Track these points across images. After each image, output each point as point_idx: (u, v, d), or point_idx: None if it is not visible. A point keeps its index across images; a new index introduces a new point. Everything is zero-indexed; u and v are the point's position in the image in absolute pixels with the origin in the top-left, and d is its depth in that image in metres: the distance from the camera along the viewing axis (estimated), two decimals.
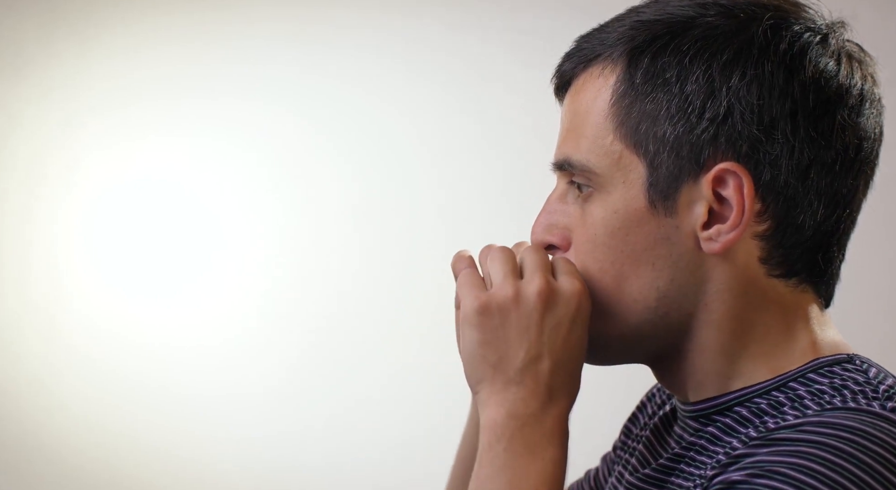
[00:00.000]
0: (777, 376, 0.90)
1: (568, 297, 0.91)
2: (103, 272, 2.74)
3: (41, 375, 2.74)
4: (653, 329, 0.93)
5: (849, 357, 0.92)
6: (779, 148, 0.89)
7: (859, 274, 2.47)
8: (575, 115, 0.95)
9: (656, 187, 0.90)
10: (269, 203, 2.72)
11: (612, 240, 0.92)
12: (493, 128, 2.64)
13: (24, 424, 2.74)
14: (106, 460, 2.74)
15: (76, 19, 2.73)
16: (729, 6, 0.91)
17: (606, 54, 0.93)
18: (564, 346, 0.91)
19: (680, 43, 0.90)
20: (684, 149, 0.90)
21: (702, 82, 0.89)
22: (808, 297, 0.94)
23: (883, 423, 0.82)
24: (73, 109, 2.73)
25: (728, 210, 0.90)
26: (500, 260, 0.93)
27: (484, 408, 0.91)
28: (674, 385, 0.96)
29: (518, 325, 0.91)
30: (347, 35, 2.70)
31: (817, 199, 0.91)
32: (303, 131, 2.72)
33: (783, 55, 0.89)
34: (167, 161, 2.74)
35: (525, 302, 0.91)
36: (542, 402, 0.90)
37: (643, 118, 0.91)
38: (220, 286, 2.74)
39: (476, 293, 0.92)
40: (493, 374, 0.91)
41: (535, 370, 0.91)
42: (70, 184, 2.74)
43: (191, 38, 2.73)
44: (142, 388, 2.73)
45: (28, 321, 2.75)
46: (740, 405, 0.91)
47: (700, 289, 0.91)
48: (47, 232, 2.75)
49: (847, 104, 0.91)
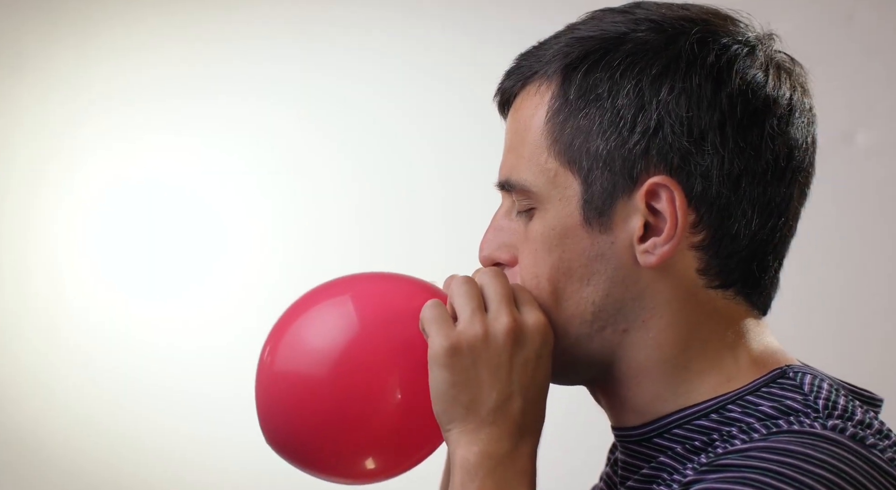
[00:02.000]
0: (717, 397, 0.91)
1: (533, 333, 0.92)
2: (104, 272, 2.74)
3: (42, 376, 2.74)
4: (590, 345, 0.93)
5: (782, 371, 0.92)
6: (709, 159, 0.90)
7: (860, 274, 2.47)
8: (514, 133, 0.97)
9: (591, 204, 0.92)
10: (271, 203, 2.72)
11: (549, 256, 0.93)
12: (494, 127, 2.64)
13: (24, 425, 2.74)
14: (106, 460, 2.74)
15: (77, 19, 2.73)
16: (659, 21, 0.92)
17: (542, 71, 0.94)
18: (533, 383, 0.92)
19: (611, 58, 0.91)
20: (617, 163, 0.91)
21: (632, 96, 0.90)
22: (743, 309, 0.94)
23: (825, 445, 0.83)
24: (73, 109, 2.73)
25: (663, 223, 0.91)
26: (466, 295, 0.93)
27: (456, 447, 0.92)
28: (613, 409, 0.96)
29: (489, 365, 0.91)
30: (349, 34, 2.70)
31: (750, 208, 0.91)
32: (305, 131, 2.72)
33: (710, 68, 0.90)
34: (168, 161, 2.74)
35: (494, 341, 0.92)
36: (514, 442, 0.91)
37: (577, 134, 0.92)
38: (221, 286, 2.74)
39: (445, 332, 0.92)
40: (466, 414, 0.91)
41: (506, 410, 0.91)
42: (71, 184, 2.74)
43: (192, 37, 2.73)
44: (143, 388, 2.73)
45: (29, 321, 2.75)
46: (679, 428, 0.92)
47: (637, 304, 0.92)
48: (48, 232, 2.75)
49: (776, 114, 0.91)
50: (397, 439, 0.96)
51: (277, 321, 1.03)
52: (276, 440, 0.98)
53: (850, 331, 2.45)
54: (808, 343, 0.97)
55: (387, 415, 0.95)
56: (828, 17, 2.37)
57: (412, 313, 0.95)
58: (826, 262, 2.38)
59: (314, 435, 0.96)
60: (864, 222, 2.44)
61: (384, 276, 1.02)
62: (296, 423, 0.96)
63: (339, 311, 0.98)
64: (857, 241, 2.42)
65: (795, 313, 0.99)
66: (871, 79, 2.38)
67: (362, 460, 0.97)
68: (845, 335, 2.44)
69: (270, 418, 0.98)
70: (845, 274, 2.44)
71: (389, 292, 0.98)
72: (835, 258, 2.41)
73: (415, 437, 0.96)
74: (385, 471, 0.98)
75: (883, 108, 2.40)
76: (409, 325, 0.95)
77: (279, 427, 0.97)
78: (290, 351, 0.98)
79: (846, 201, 2.36)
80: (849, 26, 2.40)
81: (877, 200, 2.41)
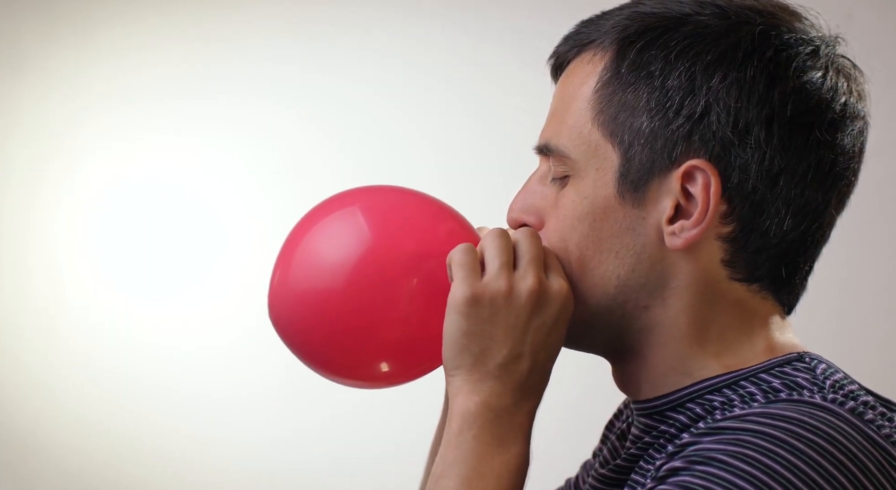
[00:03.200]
0: (729, 373, 0.91)
1: (555, 299, 0.93)
2: (104, 272, 2.74)
3: (42, 376, 2.74)
4: (609, 316, 0.94)
5: (799, 355, 0.92)
6: (750, 152, 0.90)
7: (860, 273, 2.47)
8: (561, 99, 0.96)
9: (627, 178, 0.92)
10: (271, 203, 2.72)
11: (579, 224, 0.93)
12: (494, 127, 2.65)
13: (24, 425, 2.74)
14: (106, 461, 2.74)
15: (77, 19, 2.73)
16: (725, 7, 0.92)
17: (599, 41, 0.94)
18: (544, 347, 0.93)
19: (669, 38, 0.91)
20: (658, 142, 0.91)
21: (683, 79, 0.90)
22: (768, 304, 0.94)
23: (821, 413, 0.84)
24: (73, 109, 2.73)
25: (694, 207, 0.91)
26: (498, 248, 0.94)
27: (457, 394, 0.93)
28: (629, 382, 0.97)
29: (506, 322, 0.92)
30: (349, 34, 2.70)
31: (785, 207, 0.91)
32: (305, 131, 2.72)
33: (767, 62, 0.90)
34: (168, 161, 2.74)
35: (516, 300, 0.92)
36: (515, 399, 0.92)
37: (622, 108, 0.92)
38: (221, 286, 2.74)
39: (470, 281, 0.93)
40: (473, 364, 0.92)
41: (514, 368, 0.92)
42: (71, 184, 2.74)
43: (192, 37, 2.73)
44: (143, 388, 2.73)
45: (29, 321, 2.75)
46: (692, 401, 0.92)
47: (660, 283, 0.92)
48: (48, 232, 2.75)
49: (827, 119, 0.91)
50: (408, 348, 0.98)
51: (293, 229, 1.08)
52: (293, 345, 1.02)
53: (850, 331, 2.46)
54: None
55: (398, 326, 0.97)
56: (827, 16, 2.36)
57: (438, 239, 0.97)
58: (826, 262, 2.38)
59: (328, 343, 0.98)
60: (863, 222, 2.44)
61: (406, 192, 1.06)
62: (310, 334, 0.99)
63: (354, 224, 1.01)
64: (857, 240, 2.42)
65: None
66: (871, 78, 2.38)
67: (375, 365, 0.99)
68: (845, 335, 2.44)
69: (285, 330, 1.02)
70: (845, 274, 2.44)
71: (413, 212, 1.02)
72: (834, 258, 2.40)
73: (426, 349, 0.98)
74: (396, 376, 1.00)
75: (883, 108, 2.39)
76: (432, 253, 0.97)
77: (294, 336, 1.01)
78: (305, 267, 1.01)
79: None
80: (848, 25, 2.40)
81: (877, 200, 2.41)
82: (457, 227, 1.00)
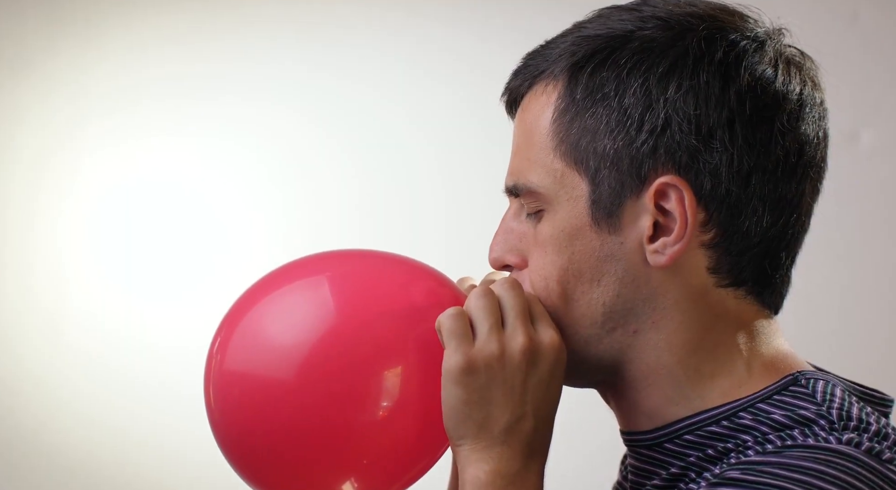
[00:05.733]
0: (728, 403, 0.91)
1: (548, 352, 0.92)
2: (106, 272, 2.74)
3: (44, 375, 2.74)
4: (599, 345, 0.93)
5: (794, 378, 0.91)
6: (718, 156, 0.89)
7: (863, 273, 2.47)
8: (521, 134, 0.96)
9: (599, 204, 0.91)
10: (273, 203, 2.72)
11: (558, 257, 0.93)
12: (497, 127, 2.64)
13: (26, 425, 2.74)
14: (109, 460, 2.74)
15: (79, 19, 2.73)
16: (666, 18, 0.91)
17: (549, 70, 0.93)
18: (544, 403, 0.92)
19: (618, 57, 0.90)
20: (625, 163, 0.90)
21: (639, 95, 0.89)
22: (754, 309, 0.93)
23: (841, 460, 0.83)
24: (76, 109, 2.73)
25: (672, 222, 0.90)
26: (485, 309, 0.93)
27: (466, 465, 0.91)
28: (625, 412, 0.96)
29: (503, 385, 0.91)
30: (351, 34, 2.70)
31: (761, 204, 0.91)
32: (306, 131, 2.72)
33: (718, 64, 0.90)
34: (171, 161, 2.74)
35: (510, 361, 0.91)
36: (524, 461, 0.91)
37: (584, 134, 0.91)
38: (222, 286, 2.74)
39: (464, 348, 0.91)
40: (478, 432, 0.91)
41: (519, 429, 0.91)
42: (74, 184, 2.74)
43: (195, 37, 2.73)
44: (145, 388, 2.73)
45: (31, 322, 2.75)
46: (690, 433, 0.91)
47: (648, 305, 0.92)
48: (50, 232, 2.75)
49: (785, 110, 0.91)
50: (387, 457, 0.91)
51: (236, 302, 0.95)
52: (231, 451, 0.88)
53: (853, 330, 2.45)
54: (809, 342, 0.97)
55: (372, 429, 0.89)
56: (833, 16, 2.36)
57: (420, 305, 0.93)
58: (829, 261, 2.38)
59: (276, 450, 0.86)
60: (868, 221, 2.43)
61: (366, 255, 0.98)
62: (254, 436, 0.85)
63: (315, 296, 0.91)
64: (861, 240, 2.42)
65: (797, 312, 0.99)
66: (875, 78, 2.38)
67: (339, 484, 0.90)
68: (848, 334, 2.44)
69: (223, 427, 0.87)
70: (849, 273, 2.43)
71: (383, 276, 0.95)
72: (838, 257, 2.40)
73: (409, 456, 0.94)
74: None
75: (888, 107, 2.39)
76: (415, 320, 0.92)
77: (233, 438, 0.87)
78: (250, 346, 0.87)
79: (850, 200, 2.36)
80: (854, 25, 2.40)
81: (881, 199, 2.41)
82: (435, 287, 0.95)
